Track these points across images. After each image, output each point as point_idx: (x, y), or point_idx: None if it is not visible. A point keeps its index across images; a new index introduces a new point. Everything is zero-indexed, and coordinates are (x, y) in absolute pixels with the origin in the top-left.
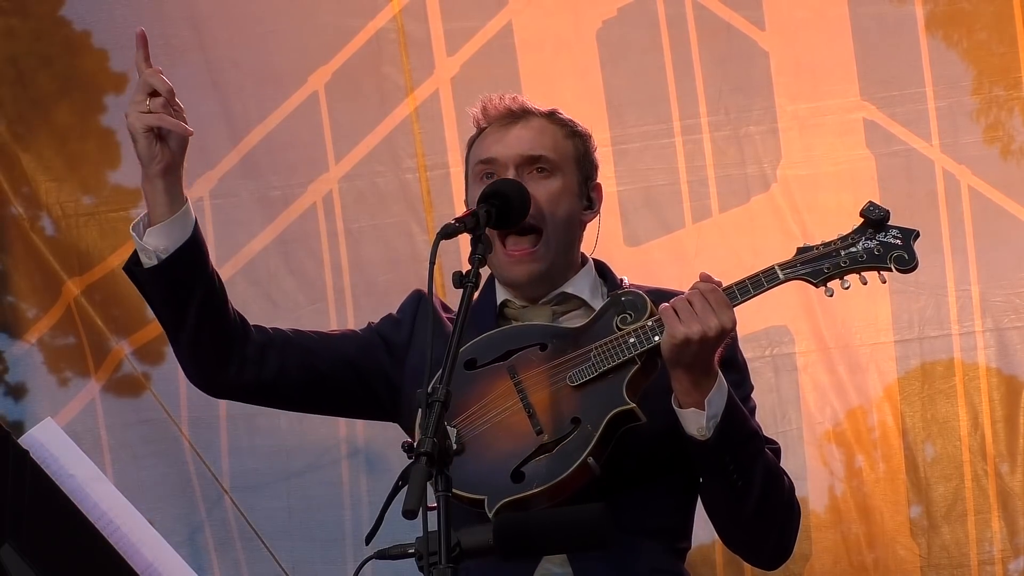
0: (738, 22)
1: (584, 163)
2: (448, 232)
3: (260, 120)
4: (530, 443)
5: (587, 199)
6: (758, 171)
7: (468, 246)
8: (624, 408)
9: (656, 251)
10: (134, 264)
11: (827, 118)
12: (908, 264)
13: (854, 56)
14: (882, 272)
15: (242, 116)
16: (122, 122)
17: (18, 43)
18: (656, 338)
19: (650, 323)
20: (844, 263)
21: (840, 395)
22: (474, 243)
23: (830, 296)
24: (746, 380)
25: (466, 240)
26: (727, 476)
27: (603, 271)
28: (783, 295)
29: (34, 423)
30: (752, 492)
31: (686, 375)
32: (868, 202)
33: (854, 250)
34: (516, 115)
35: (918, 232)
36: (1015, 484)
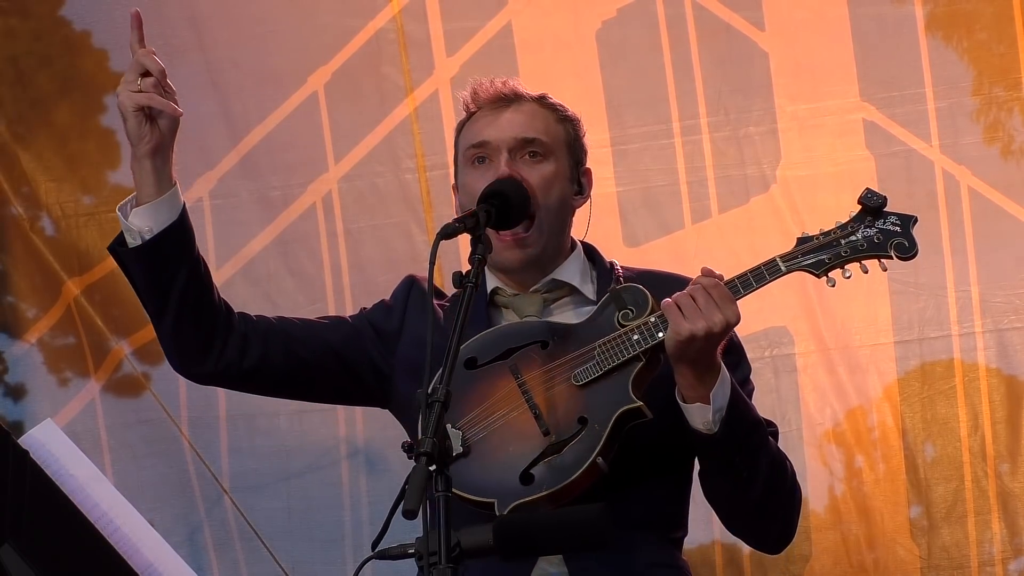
0: (738, 23)
1: (575, 147)
2: (448, 232)
3: (260, 120)
4: (537, 444)
5: (577, 184)
6: (758, 172)
7: (468, 246)
8: (632, 406)
9: (655, 252)
10: (119, 244)
11: (827, 119)
12: (908, 251)
13: (854, 57)
14: (883, 260)
15: (242, 116)
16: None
17: (18, 43)
18: (660, 334)
19: (653, 319)
20: (845, 252)
21: (840, 396)
22: (474, 243)
23: (832, 286)
24: (743, 361)
25: (466, 240)
26: (734, 468)
27: (592, 254)
28: (783, 296)
29: (34, 423)
30: (757, 481)
31: (691, 370)
32: (865, 189)
33: (854, 239)
34: (508, 99)
35: (916, 218)
36: (1015, 485)
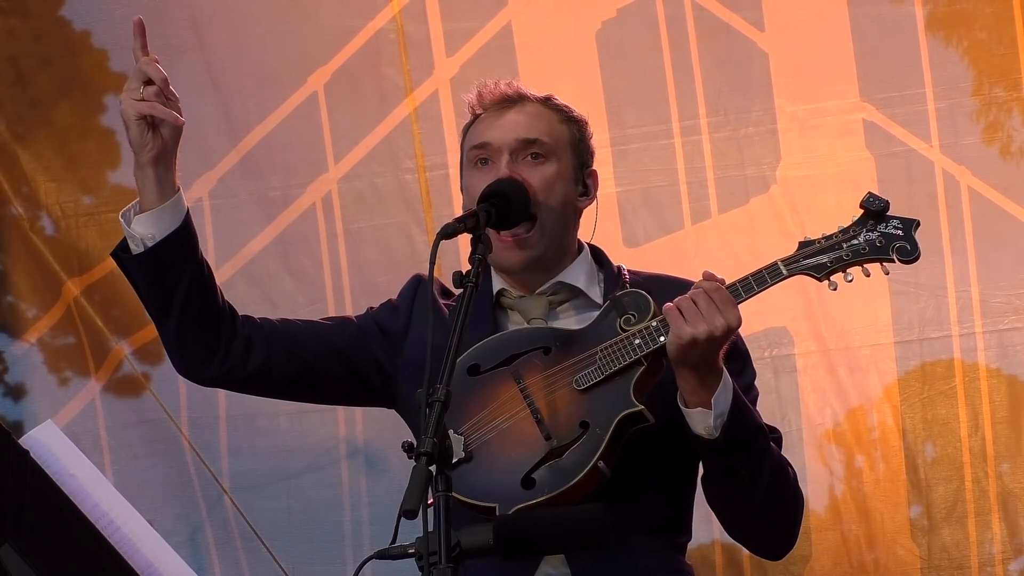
0: (737, 23)
1: (580, 148)
2: (448, 232)
3: (259, 121)
4: (539, 449)
5: (583, 185)
6: (757, 172)
7: (468, 246)
8: (633, 410)
9: (655, 252)
10: (122, 251)
11: (827, 119)
12: (911, 255)
13: (854, 57)
14: (885, 264)
15: (241, 117)
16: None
17: (18, 43)
18: (662, 339)
19: (654, 323)
20: (847, 256)
21: (840, 396)
22: (474, 243)
23: (833, 289)
24: (748, 368)
25: (466, 240)
26: (735, 473)
27: (599, 257)
28: (783, 297)
29: (34, 423)
30: (759, 487)
31: (692, 375)
32: (868, 193)
33: (856, 242)
34: (511, 100)
35: (919, 221)
36: (1016, 485)
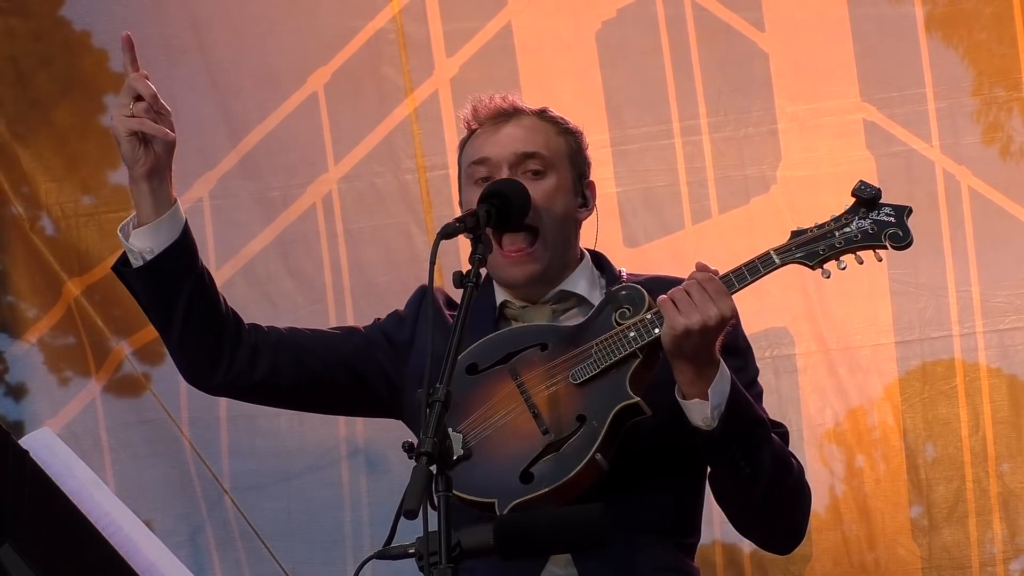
0: (738, 23)
1: (577, 160)
2: (448, 232)
3: (259, 121)
4: (537, 443)
5: (582, 196)
6: (758, 172)
7: (468, 246)
8: (629, 402)
9: (655, 252)
10: (123, 264)
11: (827, 119)
12: (903, 241)
13: (854, 57)
14: (878, 251)
15: (241, 117)
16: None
17: (18, 43)
18: (656, 330)
19: (649, 316)
20: (839, 243)
21: (840, 396)
22: (474, 243)
23: (827, 277)
24: (750, 364)
25: (466, 240)
26: (735, 465)
27: (600, 263)
28: (783, 297)
29: (34, 423)
30: (761, 479)
31: (688, 366)
32: (859, 181)
33: (848, 230)
34: (507, 114)
35: (911, 208)
36: (1016, 485)
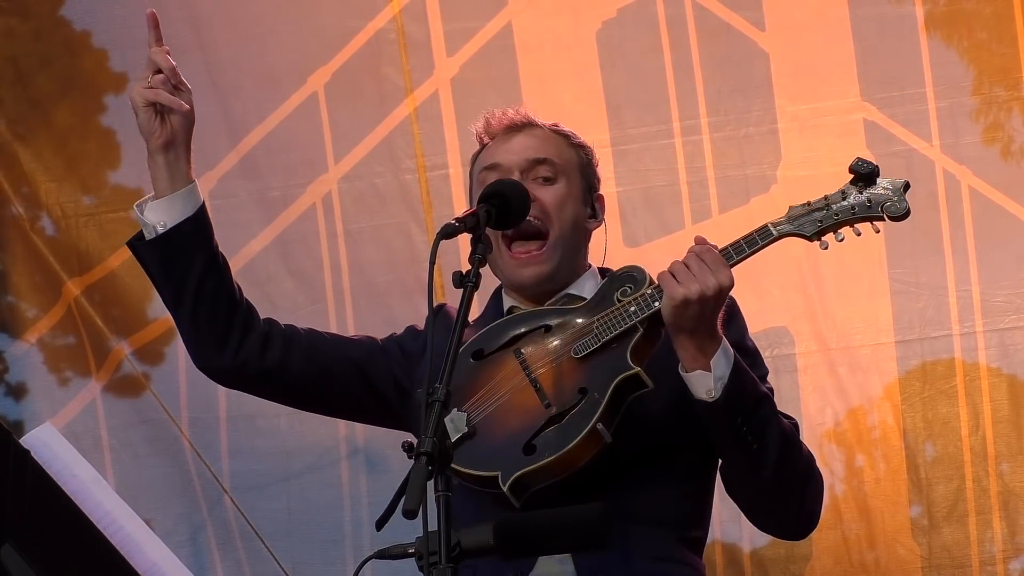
0: (738, 23)
1: (587, 172)
2: (448, 232)
3: (259, 121)
4: (539, 417)
5: (591, 208)
6: (758, 172)
7: (468, 246)
8: (630, 373)
9: (655, 252)
10: (138, 240)
11: (827, 119)
12: (900, 212)
13: (854, 57)
14: (875, 223)
15: (241, 117)
16: (123, 122)
17: (18, 43)
18: (656, 304)
19: (650, 291)
20: (837, 215)
21: (840, 396)
22: (474, 243)
23: (824, 249)
24: (758, 364)
25: (466, 240)
26: (742, 439)
27: (605, 273)
28: (784, 297)
29: (34, 423)
30: (769, 456)
31: (689, 340)
32: (856, 157)
33: (845, 203)
34: (519, 125)
35: (908, 183)
36: (1016, 484)
